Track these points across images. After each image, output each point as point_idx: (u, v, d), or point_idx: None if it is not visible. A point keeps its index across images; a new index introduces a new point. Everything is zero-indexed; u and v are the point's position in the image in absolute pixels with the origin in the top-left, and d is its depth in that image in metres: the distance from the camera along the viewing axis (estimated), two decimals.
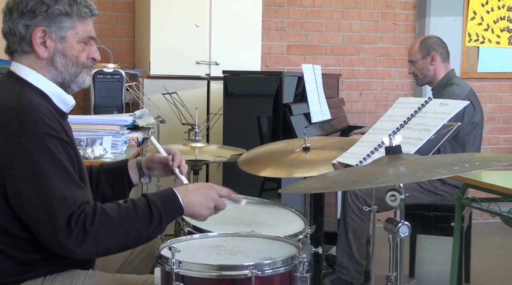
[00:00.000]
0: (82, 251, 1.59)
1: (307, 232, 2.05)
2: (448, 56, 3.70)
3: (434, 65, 3.64)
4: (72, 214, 1.58)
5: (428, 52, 3.65)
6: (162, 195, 1.75)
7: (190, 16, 4.32)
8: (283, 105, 3.40)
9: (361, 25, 5.30)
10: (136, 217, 1.65)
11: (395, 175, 1.52)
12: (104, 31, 4.78)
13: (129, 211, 1.66)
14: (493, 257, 4.42)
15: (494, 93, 5.60)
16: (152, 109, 3.70)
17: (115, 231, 1.62)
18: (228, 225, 2.04)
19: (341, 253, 3.43)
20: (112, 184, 2.04)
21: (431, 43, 3.68)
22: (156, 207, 1.68)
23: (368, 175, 1.55)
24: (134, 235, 1.64)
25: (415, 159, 1.63)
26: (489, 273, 4.04)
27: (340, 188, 2.12)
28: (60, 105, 1.81)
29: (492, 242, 4.73)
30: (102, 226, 1.60)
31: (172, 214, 1.72)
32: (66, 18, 1.77)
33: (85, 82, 1.85)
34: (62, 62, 1.78)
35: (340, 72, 5.08)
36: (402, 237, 1.64)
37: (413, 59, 3.71)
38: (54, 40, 1.76)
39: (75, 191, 1.63)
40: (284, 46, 5.14)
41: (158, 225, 1.68)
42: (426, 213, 3.46)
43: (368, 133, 2.29)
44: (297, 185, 1.69)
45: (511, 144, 5.71)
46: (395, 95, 5.36)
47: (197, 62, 4.35)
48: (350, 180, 1.53)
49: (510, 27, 5.52)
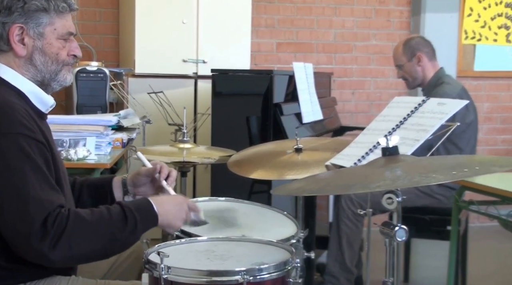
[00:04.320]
0: (56, 256, 1.58)
1: (299, 236, 2.06)
2: (434, 54, 3.70)
3: (422, 65, 3.64)
4: (47, 217, 1.58)
5: (413, 53, 3.64)
6: (137, 202, 1.79)
7: (176, 12, 4.31)
8: (273, 105, 3.40)
9: (354, 22, 5.31)
10: (110, 220, 1.66)
11: (391, 179, 1.52)
12: (87, 28, 4.77)
13: (103, 214, 1.67)
14: (491, 262, 4.44)
15: (491, 92, 5.64)
16: (137, 109, 3.69)
17: (89, 234, 1.62)
18: (218, 229, 2.05)
19: (332, 261, 3.41)
20: (94, 199, 2.03)
21: (415, 43, 3.67)
22: (130, 211, 1.70)
23: (363, 178, 1.55)
24: (109, 239, 1.65)
25: (413, 161, 1.64)
26: (487, 279, 4.06)
27: (334, 191, 2.13)
28: (38, 105, 1.81)
29: (489, 246, 4.76)
30: (75, 229, 1.60)
31: (146, 220, 1.73)
32: (44, 14, 1.77)
33: (67, 80, 1.85)
34: (41, 60, 1.78)
35: (331, 70, 5.09)
36: (399, 241, 1.64)
37: (399, 63, 3.71)
38: (32, 37, 1.76)
39: (50, 194, 1.63)
40: (274, 44, 5.15)
41: (133, 230, 1.68)
42: (421, 217, 3.47)
43: (363, 133, 2.30)
44: (289, 187, 1.69)
45: (509, 145, 5.75)
46: (388, 94, 5.37)
47: (184, 60, 4.35)
48: (345, 184, 1.54)
49: (508, 24, 5.56)
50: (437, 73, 3.64)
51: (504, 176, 2.99)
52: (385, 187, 1.54)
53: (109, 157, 2.92)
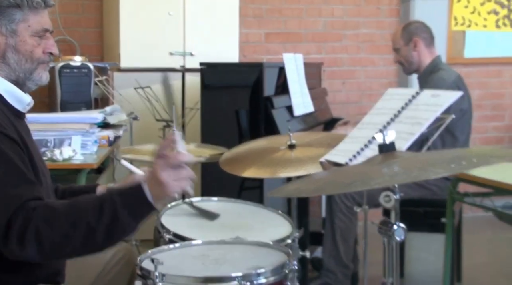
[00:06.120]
0: (30, 251, 1.53)
1: (295, 235, 2.04)
2: (432, 41, 3.70)
3: (418, 51, 3.64)
4: (12, 215, 1.53)
5: (410, 38, 3.64)
6: (123, 186, 1.67)
7: (162, 4, 4.27)
8: (264, 98, 3.38)
9: (343, 10, 5.28)
10: (85, 207, 1.57)
11: (389, 175, 1.51)
12: (69, 21, 4.70)
13: (77, 202, 1.60)
14: (485, 253, 4.45)
15: (482, 79, 5.63)
16: (123, 105, 3.65)
17: (59, 224, 1.54)
18: (211, 230, 2.03)
19: (328, 256, 3.40)
20: None
21: (413, 28, 3.68)
22: (109, 196, 1.58)
23: (361, 175, 1.53)
24: (83, 229, 1.54)
25: (410, 156, 1.62)
26: (481, 270, 4.06)
27: (332, 190, 2.11)
28: (15, 104, 1.77)
29: (482, 237, 4.76)
30: (42, 220, 1.54)
31: (132, 201, 1.57)
32: (17, 10, 1.72)
33: (42, 79, 1.81)
34: (14, 58, 1.74)
35: (321, 60, 5.06)
36: (398, 240, 1.63)
37: (397, 46, 3.72)
38: (4, 35, 1.72)
39: (21, 187, 1.58)
40: (262, 34, 5.11)
41: (113, 218, 1.54)
42: (415, 209, 3.46)
43: (358, 128, 2.28)
44: (286, 188, 1.67)
45: (500, 132, 5.76)
46: (379, 83, 5.36)
47: (171, 53, 4.31)
48: (343, 182, 1.52)
49: (497, 9, 5.55)
50: (434, 60, 3.64)
51: (499, 167, 2.97)
52: (384, 184, 1.53)
53: (96, 156, 2.88)
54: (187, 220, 2.13)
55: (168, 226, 1.99)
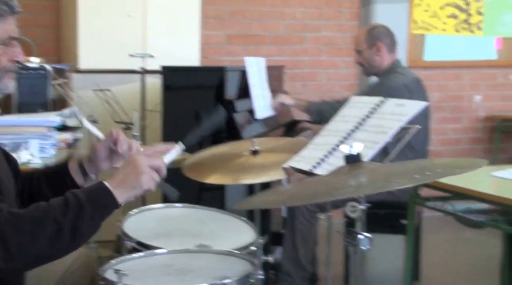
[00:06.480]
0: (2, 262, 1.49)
1: (258, 242, 2.04)
2: (394, 46, 3.74)
3: (380, 56, 3.68)
4: None
5: (374, 42, 3.68)
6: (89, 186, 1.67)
7: (121, 4, 4.22)
8: (226, 102, 3.37)
9: (304, 12, 5.31)
10: (50, 206, 1.55)
11: (355, 186, 1.52)
12: (25, 21, 4.60)
13: (41, 204, 1.57)
14: (442, 252, 4.53)
15: (441, 82, 5.74)
16: (82, 107, 3.59)
17: (25, 224, 1.51)
18: (174, 238, 2.01)
19: (287, 259, 3.41)
20: (54, 189, 1.86)
21: (377, 33, 3.72)
22: (72, 193, 1.57)
23: (327, 186, 1.54)
24: (50, 225, 1.51)
25: (376, 167, 1.63)
26: (439, 269, 4.14)
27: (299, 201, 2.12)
28: None
29: (440, 236, 4.84)
30: (8, 223, 1.50)
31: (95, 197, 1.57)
32: None
33: (9, 87, 1.78)
34: None
35: (283, 62, 5.07)
36: (364, 250, 1.64)
37: (359, 48, 3.75)
38: None
39: None
40: (223, 36, 5.10)
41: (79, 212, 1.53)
42: (377, 211, 3.49)
43: (321, 135, 2.28)
44: (253, 200, 1.67)
45: (459, 134, 5.87)
46: (340, 86, 5.41)
47: (131, 55, 4.25)
48: (308, 194, 1.53)
49: (456, 13, 5.65)
50: (391, 64, 3.68)
51: None
52: (350, 194, 1.54)
53: (55, 160, 2.83)
54: (150, 227, 2.11)
55: (131, 234, 1.97)
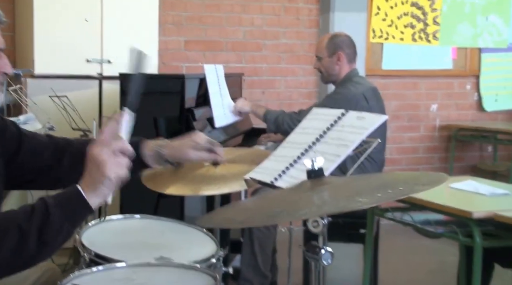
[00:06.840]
0: None
1: (219, 255, 2.04)
2: (355, 56, 3.78)
3: (340, 65, 3.71)
4: None
5: (335, 51, 3.71)
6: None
7: (78, 9, 4.18)
8: (185, 110, 3.36)
9: (263, 19, 5.34)
10: (15, 213, 1.49)
11: (317, 205, 1.52)
12: None
13: (8, 211, 1.52)
14: (400, 260, 4.60)
15: (399, 90, 5.83)
16: (38, 114, 3.54)
17: None
18: (133, 249, 1.99)
19: (246, 266, 3.44)
20: None
21: (339, 41, 3.75)
22: (41, 199, 1.51)
23: (289, 204, 1.55)
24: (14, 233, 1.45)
25: (338, 183, 1.65)
26: (397, 277, 4.20)
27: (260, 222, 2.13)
28: None
29: (397, 244, 4.91)
30: None
31: (66, 199, 1.50)
32: None
33: None
34: None
35: (241, 69, 5.10)
36: (325, 264, 1.66)
37: (320, 55, 3.77)
38: None
39: None
40: (182, 42, 5.09)
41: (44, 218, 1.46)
42: (335, 220, 3.52)
43: (282, 146, 2.30)
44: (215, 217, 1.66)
45: (415, 143, 5.97)
46: (299, 93, 5.45)
47: (88, 60, 4.22)
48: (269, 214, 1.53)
49: (414, 23, 5.76)
50: (348, 73, 3.71)
51: None
52: (312, 215, 1.55)
53: None
54: (109, 239, 2.09)
55: (89, 246, 1.94)
